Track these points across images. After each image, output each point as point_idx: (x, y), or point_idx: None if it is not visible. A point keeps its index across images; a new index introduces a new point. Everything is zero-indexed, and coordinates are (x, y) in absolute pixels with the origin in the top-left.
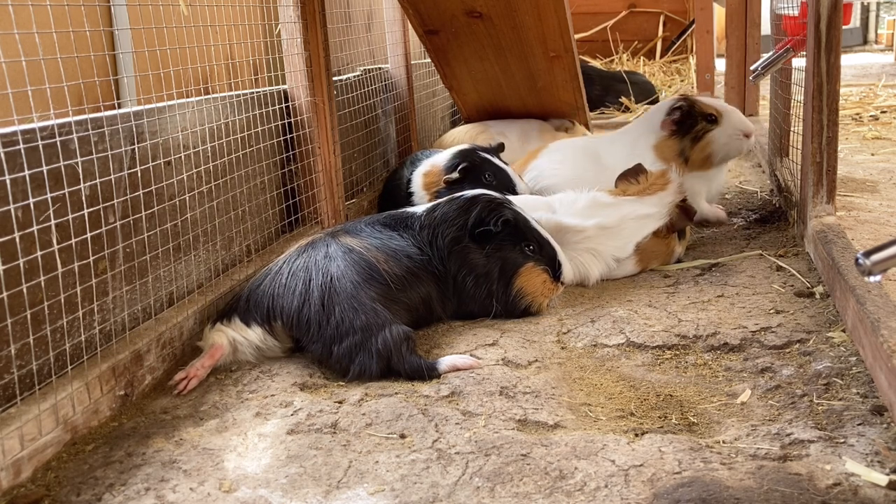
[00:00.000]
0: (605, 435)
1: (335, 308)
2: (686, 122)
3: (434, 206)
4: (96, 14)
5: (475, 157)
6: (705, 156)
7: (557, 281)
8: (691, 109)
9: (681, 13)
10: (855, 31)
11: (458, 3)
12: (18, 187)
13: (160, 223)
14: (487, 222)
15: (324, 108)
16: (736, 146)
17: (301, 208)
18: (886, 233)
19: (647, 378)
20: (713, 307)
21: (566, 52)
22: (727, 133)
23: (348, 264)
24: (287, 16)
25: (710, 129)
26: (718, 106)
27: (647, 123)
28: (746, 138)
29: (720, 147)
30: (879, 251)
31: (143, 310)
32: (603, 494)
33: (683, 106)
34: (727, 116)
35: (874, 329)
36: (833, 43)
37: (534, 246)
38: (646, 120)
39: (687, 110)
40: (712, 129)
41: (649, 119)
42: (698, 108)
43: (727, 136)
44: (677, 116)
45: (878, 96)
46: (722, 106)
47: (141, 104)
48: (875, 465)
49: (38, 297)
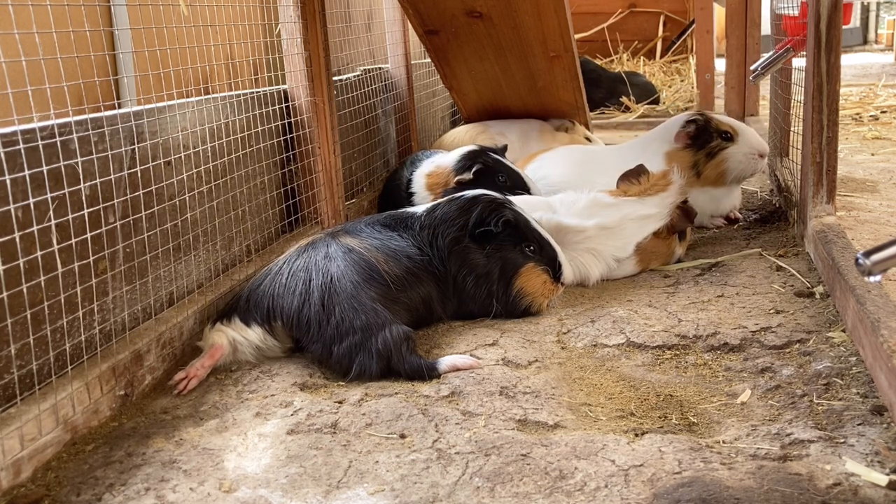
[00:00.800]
0: (605, 435)
1: (335, 308)
2: (701, 136)
3: (434, 206)
4: (96, 14)
5: (488, 159)
6: (719, 172)
7: (557, 281)
8: (707, 125)
9: (681, 13)
10: (855, 31)
11: (458, 3)
12: (18, 187)
13: (160, 223)
14: (488, 222)
15: (324, 108)
16: (751, 166)
17: (301, 208)
18: (886, 233)
19: (647, 378)
20: (713, 307)
21: (566, 52)
22: (742, 151)
23: (348, 264)
24: (287, 16)
25: (725, 146)
26: (735, 124)
27: (662, 133)
28: (761, 158)
29: (735, 165)
30: (879, 251)
31: (143, 310)
32: (603, 494)
33: (699, 120)
34: (743, 135)
35: (874, 329)
36: (833, 43)
37: (534, 246)
38: (661, 130)
39: (703, 125)
40: (728, 146)
41: (664, 129)
42: (714, 125)
43: (742, 154)
44: (692, 130)
45: (878, 96)
46: (738, 124)
47: (141, 104)
48: (875, 465)
49: (38, 297)
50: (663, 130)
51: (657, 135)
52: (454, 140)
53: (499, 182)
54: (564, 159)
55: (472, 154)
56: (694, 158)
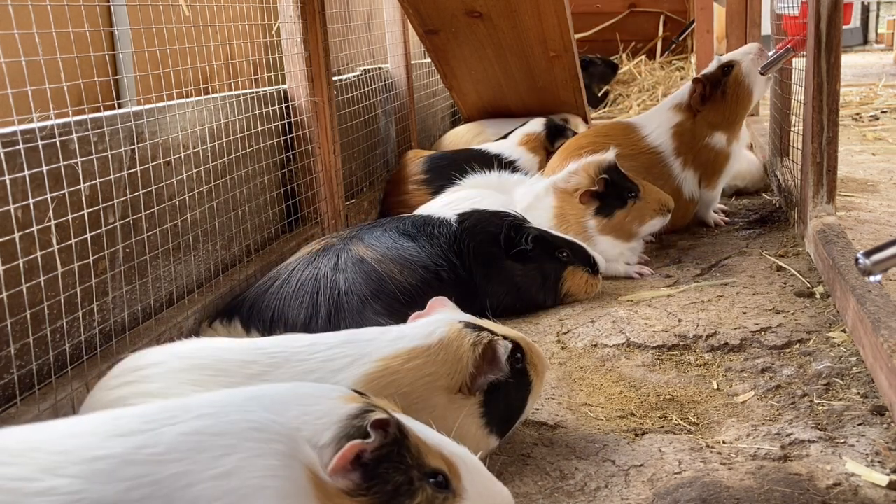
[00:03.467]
0: (605, 435)
1: (340, 323)
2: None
3: (463, 216)
4: (96, 14)
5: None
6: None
7: (596, 274)
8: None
9: (681, 13)
10: (855, 31)
11: (458, 2)
12: (18, 187)
13: (160, 223)
14: (518, 242)
15: (324, 108)
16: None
17: (301, 208)
18: (886, 233)
19: (647, 378)
20: (713, 307)
21: (566, 52)
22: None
23: (357, 276)
24: (287, 16)
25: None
26: (637, 180)
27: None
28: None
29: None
30: (879, 251)
31: (143, 310)
32: (603, 495)
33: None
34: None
35: (874, 329)
36: (833, 43)
37: (567, 251)
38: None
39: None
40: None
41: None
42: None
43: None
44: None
45: (879, 96)
46: (640, 181)
47: (141, 104)
48: (875, 465)
49: (38, 297)
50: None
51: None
52: (454, 140)
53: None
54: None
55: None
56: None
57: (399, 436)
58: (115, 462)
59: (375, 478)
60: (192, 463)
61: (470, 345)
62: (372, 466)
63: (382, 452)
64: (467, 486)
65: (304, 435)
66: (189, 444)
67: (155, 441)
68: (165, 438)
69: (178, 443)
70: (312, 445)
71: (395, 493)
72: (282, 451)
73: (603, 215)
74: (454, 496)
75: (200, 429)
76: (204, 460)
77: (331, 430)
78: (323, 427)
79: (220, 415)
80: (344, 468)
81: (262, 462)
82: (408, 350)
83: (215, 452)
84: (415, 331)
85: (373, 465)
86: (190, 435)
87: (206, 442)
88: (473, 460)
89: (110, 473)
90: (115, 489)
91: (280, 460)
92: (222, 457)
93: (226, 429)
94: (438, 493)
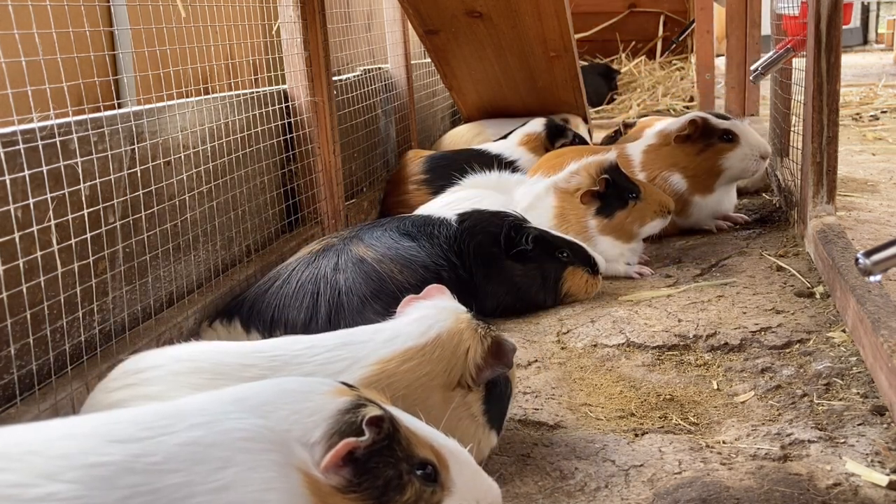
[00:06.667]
0: (605, 435)
1: (340, 324)
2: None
3: (463, 216)
4: (96, 14)
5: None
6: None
7: (596, 274)
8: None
9: (681, 13)
10: (855, 31)
11: (458, 3)
12: (18, 187)
13: (160, 223)
14: (518, 242)
15: (324, 108)
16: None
17: (301, 208)
18: (886, 233)
19: (647, 378)
20: (713, 307)
21: (566, 52)
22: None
23: (357, 276)
24: (287, 16)
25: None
26: (637, 181)
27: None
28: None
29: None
30: (879, 251)
31: (143, 310)
32: (603, 495)
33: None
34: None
35: (874, 329)
36: (833, 43)
37: (567, 251)
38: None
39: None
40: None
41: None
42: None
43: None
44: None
45: (879, 96)
46: (641, 182)
47: (141, 104)
48: (875, 465)
49: (38, 297)
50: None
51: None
52: (454, 140)
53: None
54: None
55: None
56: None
57: (391, 430)
58: (115, 469)
59: (366, 473)
60: (190, 474)
61: (479, 337)
62: (363, 461)
63: (374, 448)
64: (455, 479)
65: (295, 435)
66: (185, 455)
67: (153, 450)
68: (163, 448)
69: (175, 453)
70: (304, 444)
71: (386, 489)
72: (276, 461)
73: (604, 216)
74: (442, 489)
75: (195, 439)
76: (202, 472)
77: (321, 426)
78: (314, 424)
79: (212, 424)
80: (336, 465)
81: (258, 476)
82: (402, 351)
83: (212, 465)
84: (409, 328)
85: (364, 459)
86: (185, 446)
87: (202, 453)
88: (463, 453)
89: (110, 481)
90: (114, 497)
91: (276, 471)
92: (219, 469)
93: (218, 439)
94: (426, 486)
